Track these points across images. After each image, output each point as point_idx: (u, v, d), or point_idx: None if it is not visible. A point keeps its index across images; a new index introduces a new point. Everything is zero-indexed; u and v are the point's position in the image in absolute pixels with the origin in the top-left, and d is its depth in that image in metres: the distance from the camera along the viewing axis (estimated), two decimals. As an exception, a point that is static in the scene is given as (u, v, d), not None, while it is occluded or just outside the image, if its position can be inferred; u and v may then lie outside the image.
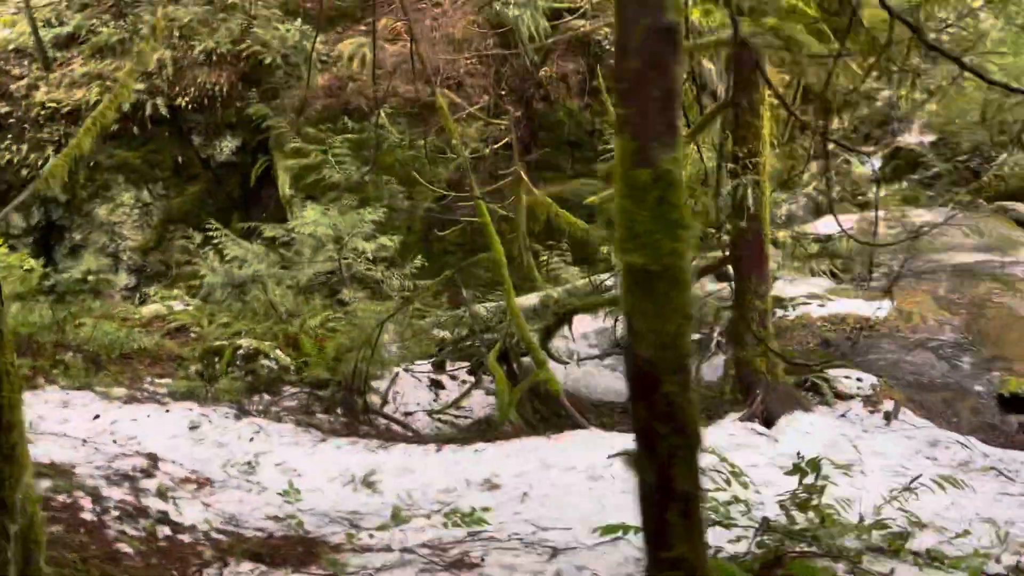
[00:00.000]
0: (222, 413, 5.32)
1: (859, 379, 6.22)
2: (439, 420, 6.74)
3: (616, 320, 7.37)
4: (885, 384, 6.17)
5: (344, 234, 9.00)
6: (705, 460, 3.46)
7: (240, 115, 14.76)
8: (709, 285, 7.59)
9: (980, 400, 6.24)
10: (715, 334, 7.47)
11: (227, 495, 4.24)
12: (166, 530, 3.68)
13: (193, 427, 5.08)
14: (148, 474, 4.33)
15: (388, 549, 3.47)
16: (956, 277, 7.95)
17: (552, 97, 13.82)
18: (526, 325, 5.48)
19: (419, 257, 10.03)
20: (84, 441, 4.78)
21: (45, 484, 3.93)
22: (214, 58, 14.45)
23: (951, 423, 5.91)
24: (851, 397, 5.95)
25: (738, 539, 2.90)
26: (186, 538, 3.66)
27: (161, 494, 4.13)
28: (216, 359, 7.71)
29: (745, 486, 3.10)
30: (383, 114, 11.99)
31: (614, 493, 4.04)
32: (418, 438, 5.42)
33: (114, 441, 4.90)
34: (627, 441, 4.84)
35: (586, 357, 7.50)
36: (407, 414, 6.79)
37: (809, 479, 2.89)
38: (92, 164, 14.60)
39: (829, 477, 3.16)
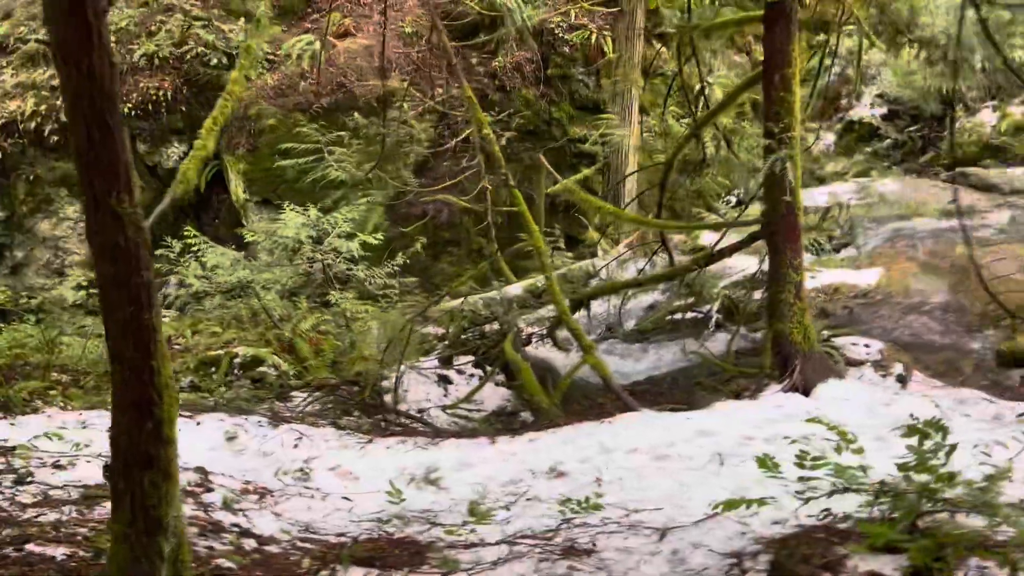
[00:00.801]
0: (255, 422, 5.19)
1: (866, 345, 6.42)
2: (454, 414, 6.73)
3: (622, 302, 7.40)
4: (891, 349, 6.37)
5: (324, 234, 8.85)
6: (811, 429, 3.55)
7: (187, 119, 14.37)
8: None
9: (979, 358, 6.51)
10: (714, 311, 7.63)
11: (292, 503, 4.15)
12: (251, 542, 3.59)
13: (231, 438, 4.95)
14: (206, 487, 4.21)
15: (482, 543, 3.45)
16: (932, 242, 8.25)
17: (508, 87, 13.80)
18: (568, 310, 5.48)
19: (400, 255, 9.94)
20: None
21: (107, 505, 3.79)
22: (156, 62, 14.01)
23: (958, 381, 6.14)
24: (861, 363, 6.13)
25: (868, 504, 2.98)
26: (274, 549, 3.57)
27: (228, 507, 4.03)
28: (212, 369, 7.53)
29: (860, 452, 3.17)
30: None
31: (686, 471, 4.10)
32: (468, 432, 5.38)
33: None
34: (687, 417, 4.93)
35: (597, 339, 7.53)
36: (420, 411, 6.74)
37: (921, 441, 2.98)
38: (32, 178, 14.05)
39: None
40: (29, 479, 4.21)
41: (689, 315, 8.41)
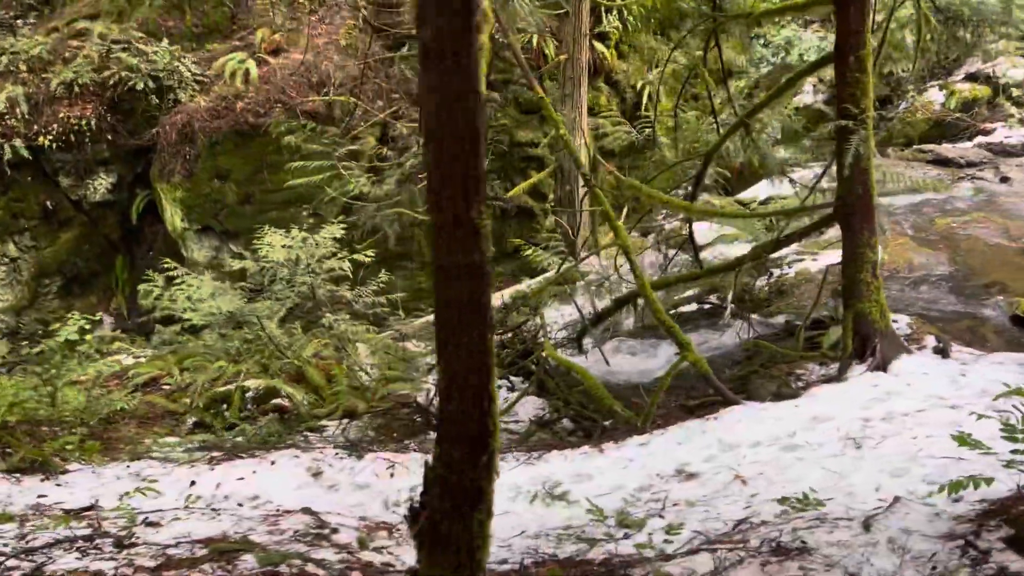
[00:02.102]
0: (332, 455, 4.89)
1: (894, 320, 6.59)
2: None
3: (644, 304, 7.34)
4: (918, 321, 6.56)
5: (311, 256, 8.48)
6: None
7: (113, 149, 13.62)
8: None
9: (996, 322, 6.78)
10: (729, 301, 7.69)
11: (426, 536, 3.91)
12: (425, 581, 3.36)
13: (316, 474, 4.65)
14: (329, 528, 3.94)
15: (677, 554, 3.34)
16: (914, 217, 8.58)
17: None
18: (662, 308, 5.38)
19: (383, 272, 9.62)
20: (213, 510, 4.27)
21: (247, 559, 3.49)
22: (76, 90, 13.19)
23: (985, 346, 6.38)
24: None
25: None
26: (450, 585, 3.35)
27: (365, 546, 3.77)
28: (224, 406, 7.12)
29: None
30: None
31: (826, 458, 4.08)
32: (565, 444, 5.22)
33: (240, 505, 4.41)
34: (795, 405, 4.91)
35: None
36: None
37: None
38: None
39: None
40: (130, 540, 3.83)
41: (693, 307, 8.50)
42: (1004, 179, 9.09)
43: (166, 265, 8.26)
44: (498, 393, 6.95)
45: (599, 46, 13.07)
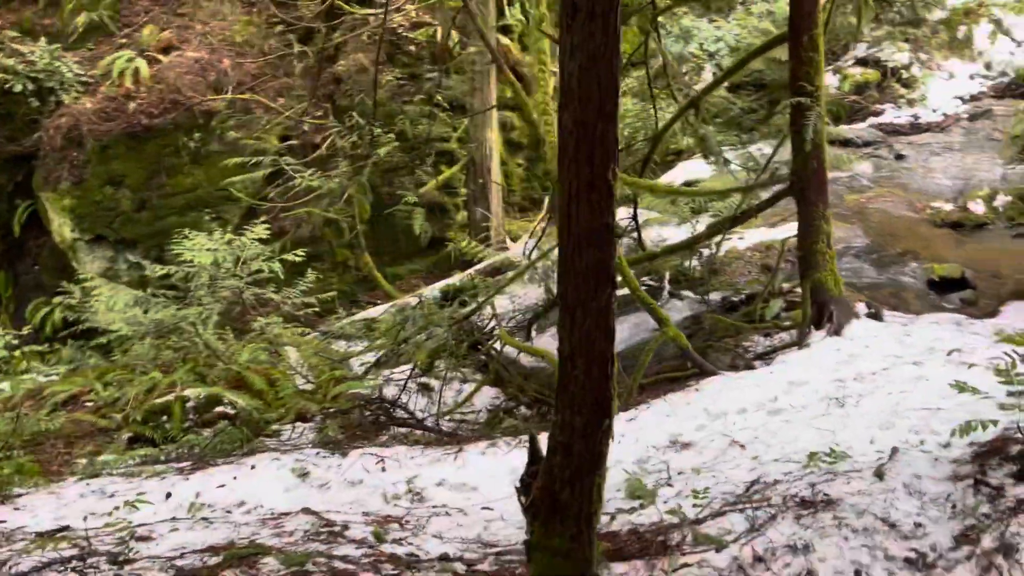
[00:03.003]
0: (312, 454, 4.76)
1: (827, 291, 6.93)
2: (451, 418, 6.55)
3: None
4: (848, 290, 6.92)
5: (238, 259, 8.18)
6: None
7: (-12, 157, 12.77)
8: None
9: (914, 288, 7.25)
10: (665, 283, 7.91)
11: (437, 524, 3.88)
12: (460, 567, 3.33)
13: (303, 475, 4.50)
14: (340, 525, 3.84)
15: (709, 516, 3.43)
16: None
17: (355, 91, 13.41)
18: (638, 284, 5.43)
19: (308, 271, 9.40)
20: (204, 519, 4.09)
21: (267, 562, 3.37)
22: (-58, 94, 12.32)
23: (909, 309, 6.81)
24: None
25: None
26: (486, 567, 3.34)
27: (382, 539, 3.70)
28: (164, 418, 6.81)
29: None
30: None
31: (815, 419, 4.27)
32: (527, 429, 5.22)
33: (228, 512, 4.23)
34: (770, 371, 5.10)
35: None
36: (420, 419, 6.51)
37: None
38: None
39: None
40: (125, 556, 3.62)
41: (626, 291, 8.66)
42: (899, 156, 9.70)
43: (81, 277, 7.81)
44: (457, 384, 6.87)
45: (503, 39, 13.13)
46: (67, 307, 7.51)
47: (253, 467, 4.62)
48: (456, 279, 9.97)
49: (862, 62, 10.81)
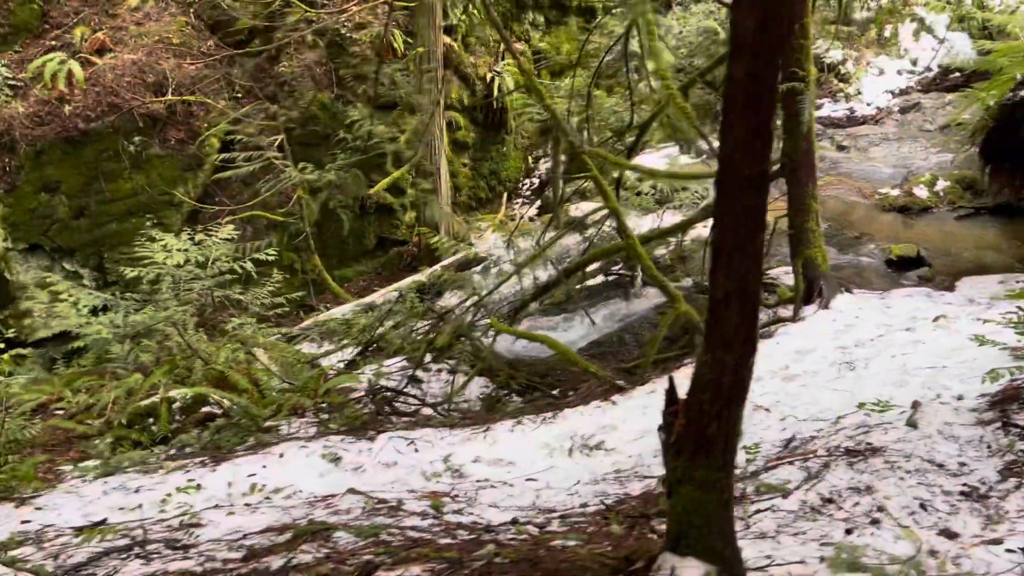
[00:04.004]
0: (338, 440, 4.77)
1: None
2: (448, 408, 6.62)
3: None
4: (816, 272, 7.27)
5: (208, 258, 8.08)
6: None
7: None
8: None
9: (874, 267, 7.68)
10: (638, 271, 8.15)
11: (489, 495, 3.96)
12: (532, 529, 3.44)
13: (335, 459, 4.52)
14: (396, 501, 3.89)
15: (763, 469, 3.62)
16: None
17: (298, 92, 13.30)
18: (652, 264, 5.59)
19: (275, 271, 9.34)
20: (246, 505, 4.08)
21: (340, 536, 3.42)
22: None
23: (872, 286, 7.23)
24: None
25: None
26: (556, 526, 3.46)
27: (440, 511, 3.77)
28: (151, 420, 6.69)
29: None
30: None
31: (830, 381, 4.53)
32: (578, 401, 5.34)
33: (267, 498, 4.23)
34: (776, 343, 5.34)
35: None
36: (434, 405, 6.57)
37: None
38: None
39: None
40: (181, 543, 3.60)
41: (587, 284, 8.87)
42: (841, 147, 10.22)
43: (48, 280, 7.55)
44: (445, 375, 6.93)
45: (447, 39, 13.22)
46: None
47: (282, 455, 4.60)
48: (423, 276, 10.01)
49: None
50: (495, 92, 13.44)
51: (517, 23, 13.88)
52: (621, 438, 4.45)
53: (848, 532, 2.90)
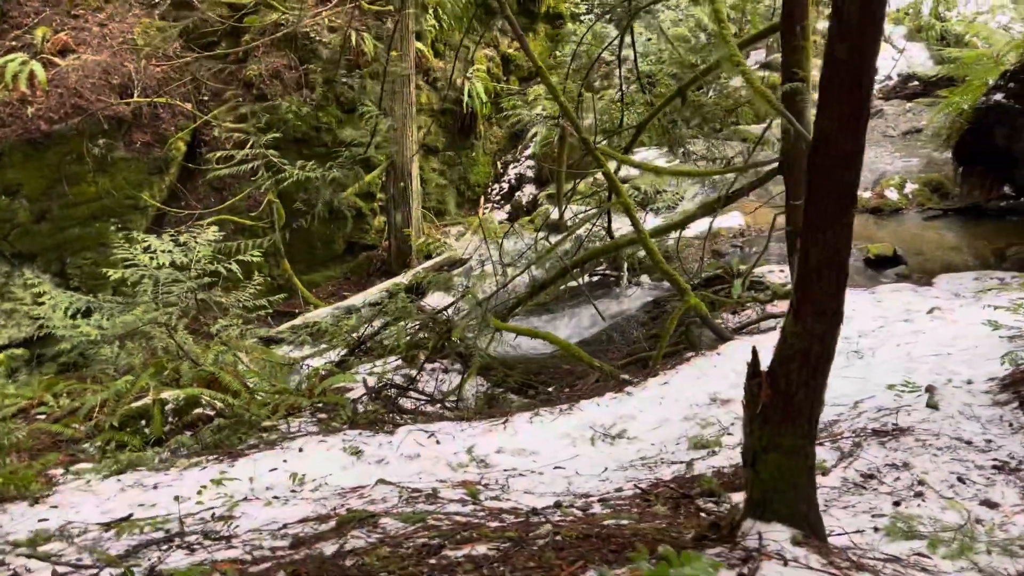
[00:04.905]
0: (355, 435, 4.76)
1: (781, 270, 7.51)
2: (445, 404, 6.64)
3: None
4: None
5: (192, 260, 7.95)
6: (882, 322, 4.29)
7: None
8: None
9: (853, 265, 7.91)
10: (624, 272, 8.27)
11: (521, 483, 4.00)
12: (577, 512, 3.49)
13: (355, 453, 4.51)
14: (431, 489, 3.91)
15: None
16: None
17: (268, 95, 13.19)
18: (662, 258, 5.65)
19: (257, 274, 9.23)
20: (275, 497, 4.06)
21: (385, 522, 3.43)
22: None
23: (855, 284, 7.44)
24: (787, 284, 7.19)
25: None
26: (599, 508, 3.52)
27: (476, 499, 3.81)
28: (143, 422, 6.58)
29: None
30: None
31: (839, 370, 4.66)
32: (592, 393, 5.39)
33: (293, 492, 4.22)
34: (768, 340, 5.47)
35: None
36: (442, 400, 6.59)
37: None
38: None
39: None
40: (219, 534, 3.57)
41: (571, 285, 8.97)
42: (810, 152, 10.51)
43: (28, 280, 7.37)
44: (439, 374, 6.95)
45: (417, 44, 13.24)
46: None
47: (301, 449, 4.58)
48: (403, 278, 10.00)
49: (766, 66, 11.61)
50: (465, 98, 13.50)
51: (487, 29, 13.96)
52: (640, 427, 4.53)
53: (896, 504, 3.01)
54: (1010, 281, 6.57)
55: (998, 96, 6.79)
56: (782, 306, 6.44)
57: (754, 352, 2.44)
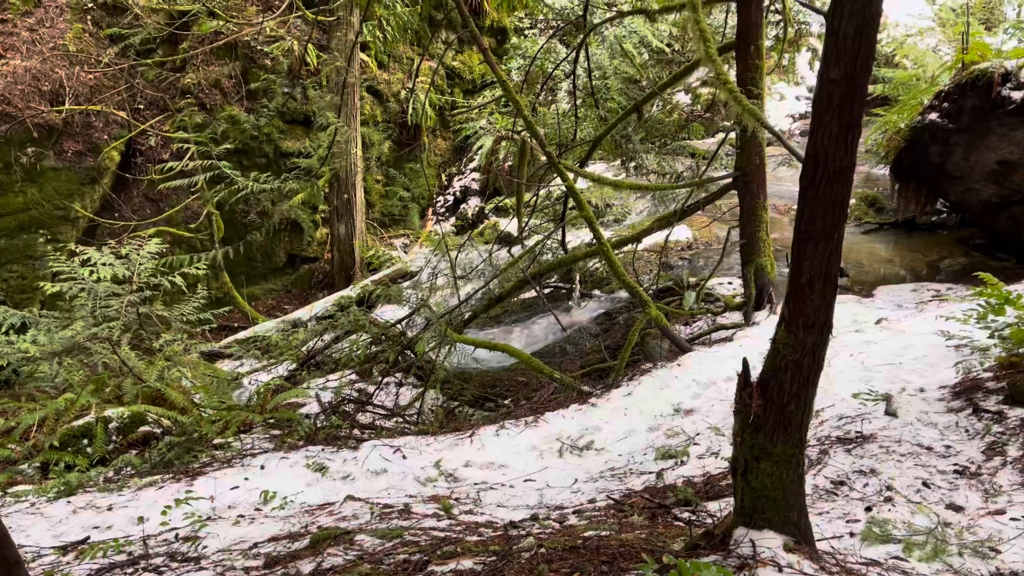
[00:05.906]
0: (318, 451, 4.68)
1: (729, 282, 7.66)
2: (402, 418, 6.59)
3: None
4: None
5: (134, 273, 7.75)
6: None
7: None
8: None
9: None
10: (576, 284, 8.34)
11: (492, 496, 4.00)
12: (553, 524, 3.50)
13: (320, 469, 4.43)
14: (402, 505, 3.86)
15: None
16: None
17: (208, 105, 12.95)
18: (624, 270, 5.66)
19: (200, 287, 9.04)
20: (240, 516, 3.97)
21: (361, 539, 3.38)
22: None
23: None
24: (737, 296, 7.34)
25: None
26: (574, 520, 3.53)
27: (450, 512, 3.78)
28: (85, 441, 6.37)
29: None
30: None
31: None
32: (554, 404, 5.38)
33: (257, 509, 4.12)
34: (739, 345, 5.57)
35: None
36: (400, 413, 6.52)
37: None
38: None
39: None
40: (184, 556, 3.47)
41: (526, 296, 9.01)
42: (750, 167, 10.78)
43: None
44: (394, 389, 6.89)
45: (361, 55, 13.16)
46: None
47: (263, 467, 4.49)
48: (351, 291, 9.88)
49: (707, 83, 11.87)
50: (410, 109, 13.45)
51: (431, 42, 13.95)
52: (607, 438, 4.57)
53: (868, 509, 3.10)
54: (946, 292, 6.83)
55: (933, 115, 7.07)
56: (732, 317, 6.57)
57: (745, 363, 2.49)
